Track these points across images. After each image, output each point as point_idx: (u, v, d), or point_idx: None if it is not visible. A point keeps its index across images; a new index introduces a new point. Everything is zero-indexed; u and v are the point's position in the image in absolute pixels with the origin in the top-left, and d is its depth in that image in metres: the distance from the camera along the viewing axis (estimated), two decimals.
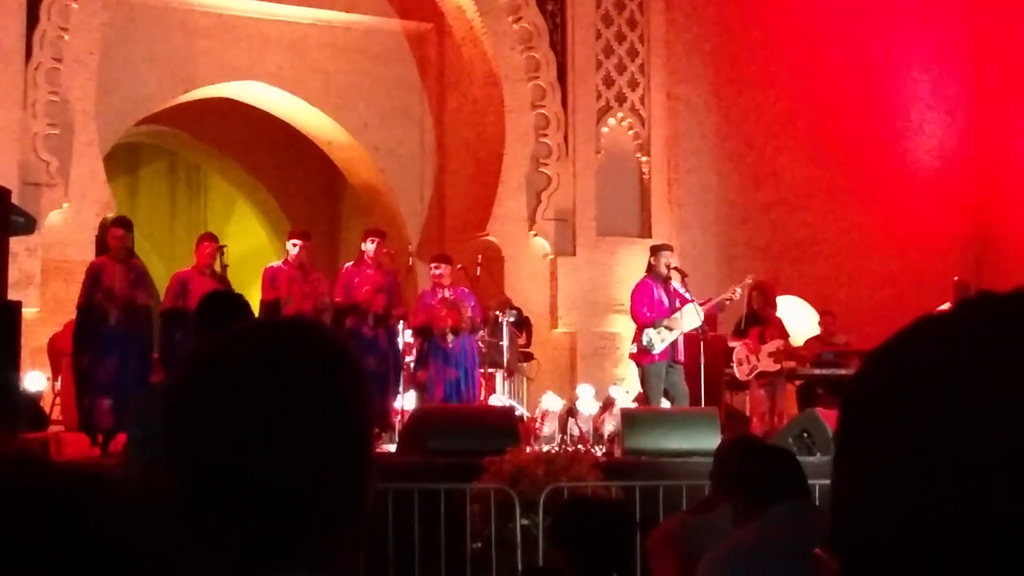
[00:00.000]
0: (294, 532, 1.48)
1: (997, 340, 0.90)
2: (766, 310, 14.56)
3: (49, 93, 15.10)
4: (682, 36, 18.22)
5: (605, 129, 17.76)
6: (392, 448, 11.94)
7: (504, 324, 14.46)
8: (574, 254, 17.30)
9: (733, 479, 4.66)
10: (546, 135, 17.40)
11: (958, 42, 19.67)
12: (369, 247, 13.42)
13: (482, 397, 14.10)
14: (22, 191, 14.14)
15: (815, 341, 15.58)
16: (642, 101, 17.99)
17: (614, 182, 17.68)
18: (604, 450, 12.48)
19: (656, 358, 13.30)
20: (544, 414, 13.71)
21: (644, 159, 17.92)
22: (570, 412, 13.80)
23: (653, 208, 17.84)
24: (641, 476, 10.63)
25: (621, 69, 17.93)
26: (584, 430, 13.49)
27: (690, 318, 13.41)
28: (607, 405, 14.04)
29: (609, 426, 13.30)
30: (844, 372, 14.66)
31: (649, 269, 13.83)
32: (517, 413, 13.29)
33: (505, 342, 14.38)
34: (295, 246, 13.26)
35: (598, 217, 17.47)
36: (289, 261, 13.26)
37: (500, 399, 14.21)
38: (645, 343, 13.33)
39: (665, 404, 13.28)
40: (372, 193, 19.49)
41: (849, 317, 16.34)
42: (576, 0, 17.61)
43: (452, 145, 18.98)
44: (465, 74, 18.24)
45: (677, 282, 13.77)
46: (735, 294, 14.11)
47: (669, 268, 13.75)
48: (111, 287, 11.92)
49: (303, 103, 18.69)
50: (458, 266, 14.73)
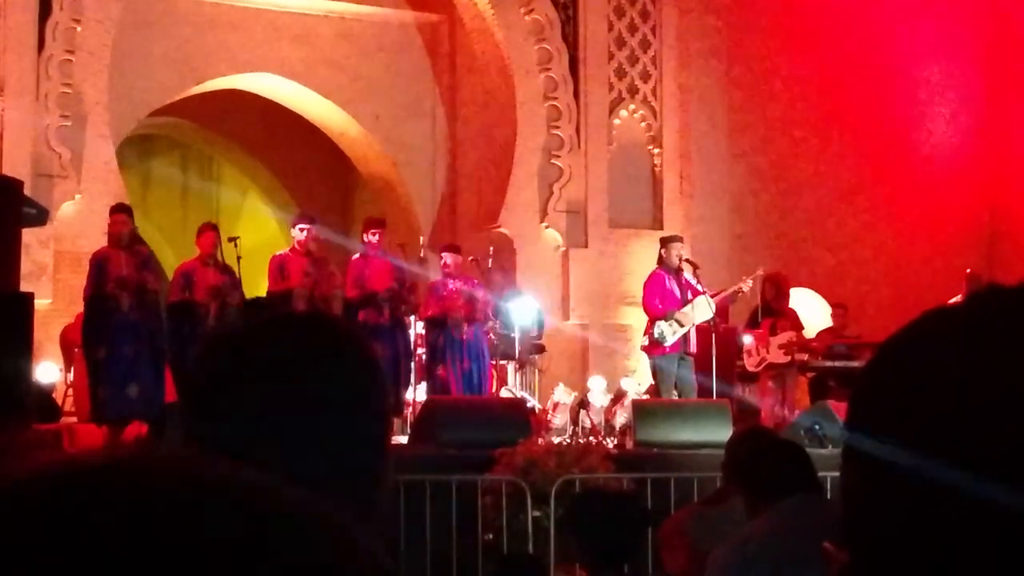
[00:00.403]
0: None
1: (1004, 334, 0.90)
2: (779, 302, 14.52)
3: (62, 85, 15.11)
4: (694, 28, 18.18)
5: (617, 121, 17.74)
6: (404, 440, 11.94)
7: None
8: (586, 246, 17.29)
9: (744, 471, 4.66)
10: (558, 127, 17.38)
11: (969, 33, 19.61)
12: (372, 238, 13.37)
13: (494, 389, 14.10)
14: (35, 182, 14.16)
15: (827, 333, 15.55)
16: (654, 93, 17.97)
17: (626, 174, 17.65)
18: (615, 442, 12.48)
19: (668, 350, 13.29)
20: (556, 406, 13.72)
21: (656, 151, 17.89)
22: (581, 404, 13.80)
23: (665, 200, 17.81)
24: (652, 468, 10.64)
25: (633, 61, 17.90)
26: (595, 422, 13.48)
27: (702, 310, 13.40)
28: (618, 397, 14.03)
29: (620, 418, 13.30)
30: (856, 364, 14.62)
31: (660, 261, 13.83)
32: (529, 405, 13.29)
33: (517, 334, 14.37)
34: (302, 231, 13.13)
35: (610, 209, 17.45)
36: (296, 248, 13.15)
37: (512, 391, 14.21)
38: (657, 335, 13.32)
39: (676, 396, 13.28)
40: (384, 185, 19.49)
41: (861, 310, 16.32)
42: None
43: (464, 137, 18.97)
44: (477, 66, 18.23)
45: (689, 274, 13.76)
46: (746, 286, 14.11)
47: (681, 260, 13.74)
48: (121, 274, 11.91)
49: (315, 95, 18.69)
50: (470, 258, 14.73)
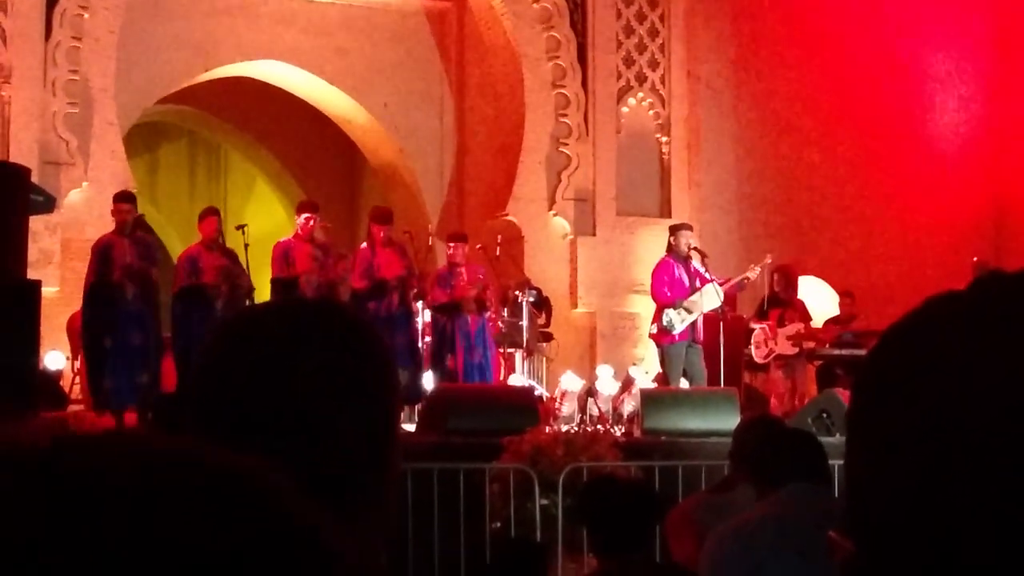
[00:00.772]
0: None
1: (1007, 320, 0.90)
2: (788, 293, 14.52)
3: (69, 72, 15.10)
4: (702, 16, 18.14)
5: (625, 109, 17.71)
6: (412, 428, 11.94)
7: (524, 304, 14.44)
8: (594, 234, 17.26)
9: (752, 459, 4.65)
10: (566, 115, 17.35)
11: (977, 23, 19.56)
12: (378, 233, 13.32)
13: (501, 377, 14.09)
14: (42, 170, 14.15)
15: (834, 322, 15.53)
16: (662, 81, 17.93)
17: (634, 162, 17.63)
18: (623, 430, 12.47)
19: (676, 338, 13.30)
20: (563, 394, 13.71)
21: (664, 139, 17.86)
22: (589, 392, 13.80)
23: (673, 188, 17.79)
24: (660, 456, 10.63)
25: (642, 49, 17.87)
26: (603, 410, 13.48)
27: (710, 298, 13.40)
28: (626, 385, 14.03)
29: (628, 406, 13.29)
30: (863, 353, 14.58)
31: (669, 249, 13.83)
32: (536, 393, 13.29)
33: (525, 322, 14.36)
34: (306, 219, 13.11)
35: (618, 197, 17.43)
36: (299, 235, 13.10)
37: (520, 379, 14.20)
38: (665, 323, 13.32)
39: (684, 384, 13.28)
40: (392, 173, 19.48)
41: (869, 298, 16.28)
42: None
43: (472, 124, 18.94)
44: (485, 53, 18.20)
45: (697, 262, 13.75)
46: (754, 273, 14.10)
47: (689, 248, 13.73)
48: (126, 263, 11.91)
49: (323, 82, 18.67)
50: (477, 246, 14.71)
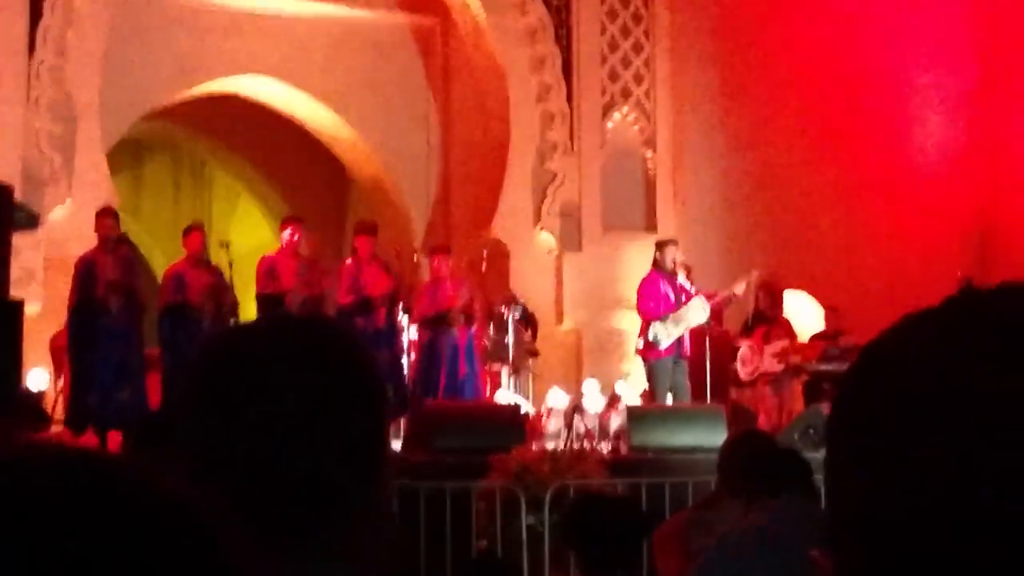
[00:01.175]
0: (310, 524, 1.50)
1: (980, 337, 0.90)
2: (773, 309, 14.54)
3: (53, 89, 15.06)
4: (687, 31, 18.17)
5: (610, 124, 17.73)
6: (398, 446, 11.91)
7: (509, 320, 14.42)
8: (580, 249, 17.26)
9: (739, 475, 4.63)
10: (551, 130, 17.36)
11: (962, 38, 19.61)
12: (362, 246, 13.31)
13: (487, 394, 14.06)
14: (25, 187, 14.08)
15: (820, 337, 15.53)
16: (647, 96, 17.95)
17: (619, 177, 17.64)
18: (610, 447, 12.46)
19: (663, 353, 13.28)
20: (550, 411, 13.68)
21: (649, 154, 17.88)
22: (576, 409, 13.77)
23: (658, 203, 17.80)
24: (647, 473, 10.61)
25: (626, 64, 17.88)
26: (590, 427, 13.45)
27: (696, 313, 13.39)
28: (613, 401, 14.01)
29: (615, 422, 13.27)
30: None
31: (655, 264, 13.83)
32: (522, 410, 13.25)
33: (510, 338, 14.34)
34: (291, 234, 13.08)
35: (603, 212, 17.43)
36: (283, 249, 13.09)
37: (506, 396, 14.17)
38: (652, 338, 13.31)
39: (670, 399, 13.26)
40: (377, 189, 19.45)
41: (854, 313, 16.27)
42: None
43: (457, 140, 18.93)
44: (470, 69, 18.20)
45: (683, 277, 13.75)
46: (740, 289, 14.09)
47: (675, 263, 13.74)
48: (110, 278, 11.87)
49: (307, 98, 18.65)
50: (463, 262, 14.70)
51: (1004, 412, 0.87)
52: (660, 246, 14.02)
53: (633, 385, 15.09)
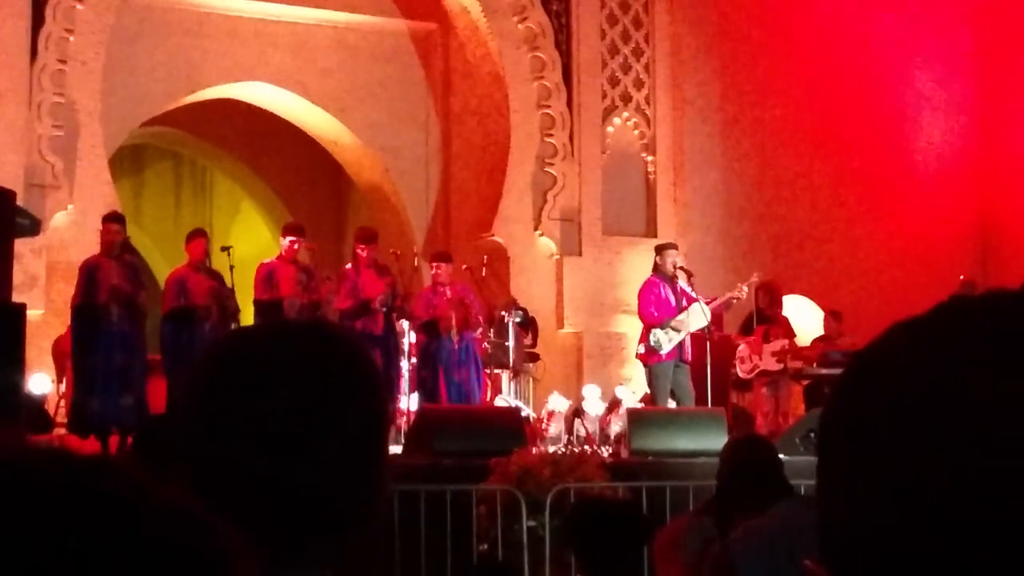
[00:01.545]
0: (307, 530, 1.51)
1: (971, 345, 0.90)
2: (772, 309, 14.54)
3: (54, 95, 15.07)
4: (687, 36, 18.19)
5: (610, 129, 17.73)
6: (398, 449, 11.92)
7: (510, 325, 14.44)
8: (580, 254, 17.26)
9: (737, 479, 4.65)
10: (551, 135, 17.37)
11: (962, 41, 19.64)
12: (362, 252, 13.38)
13: (488, 398, 14.07)
14: (27, 193, 14.11)
15: (821, 341, 15.55)
16: (647, 101, 17.96)
17: (620, 182, 17.65)
18: (610, 451, 12.47)
19: (663, 358, 13.29)
20: (550, 415, 13.69)
21: (649, 159, 17.89)
22: (576, 413, 13.79)
23: (659, 208, 17.80)
24: (648, 477, 10.62)
25: (626, 69, 17.90)
26: (590, 431, 13.47)
27: (697, 317, 13.40)
28: (613, 405, 14.02)
29: (615, 427, 13.29)
30: None
31: (655, 268, 13.83)
32: (523, 414, 13.27)
33: (511, 343, 14.35)
34: (292, 242, 13.16)
35: (604, 217, 17.44)
36: (283, 256, 13.15)
37: (506, 400, 14.19)
38: (653, 343, 13.32)
39: (671, 404, 13.27)
40: (377, 194, 19.46)
41: (855, 317, 16.30)
42: (581, 0, 17.59)
43: (457, 145, 18.94)
44: (470, 74, 18.22)
45: (683, 281, 13.76)
46: (741, 293, 14.10)
47: (675, 267, 13.74)
48: (113, 284, 11.90)
49: (308, 103, 18.66)
50: (464, 267, 14.72)
51: (996, 418, 0.87)
52: (660, 250, 14.03)
53: (633, 389, 15.10)
